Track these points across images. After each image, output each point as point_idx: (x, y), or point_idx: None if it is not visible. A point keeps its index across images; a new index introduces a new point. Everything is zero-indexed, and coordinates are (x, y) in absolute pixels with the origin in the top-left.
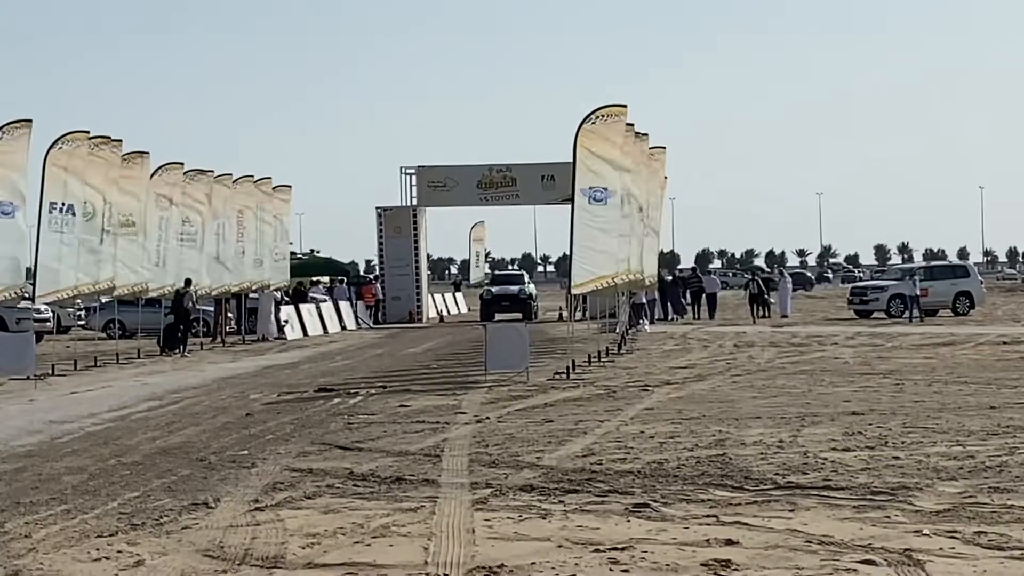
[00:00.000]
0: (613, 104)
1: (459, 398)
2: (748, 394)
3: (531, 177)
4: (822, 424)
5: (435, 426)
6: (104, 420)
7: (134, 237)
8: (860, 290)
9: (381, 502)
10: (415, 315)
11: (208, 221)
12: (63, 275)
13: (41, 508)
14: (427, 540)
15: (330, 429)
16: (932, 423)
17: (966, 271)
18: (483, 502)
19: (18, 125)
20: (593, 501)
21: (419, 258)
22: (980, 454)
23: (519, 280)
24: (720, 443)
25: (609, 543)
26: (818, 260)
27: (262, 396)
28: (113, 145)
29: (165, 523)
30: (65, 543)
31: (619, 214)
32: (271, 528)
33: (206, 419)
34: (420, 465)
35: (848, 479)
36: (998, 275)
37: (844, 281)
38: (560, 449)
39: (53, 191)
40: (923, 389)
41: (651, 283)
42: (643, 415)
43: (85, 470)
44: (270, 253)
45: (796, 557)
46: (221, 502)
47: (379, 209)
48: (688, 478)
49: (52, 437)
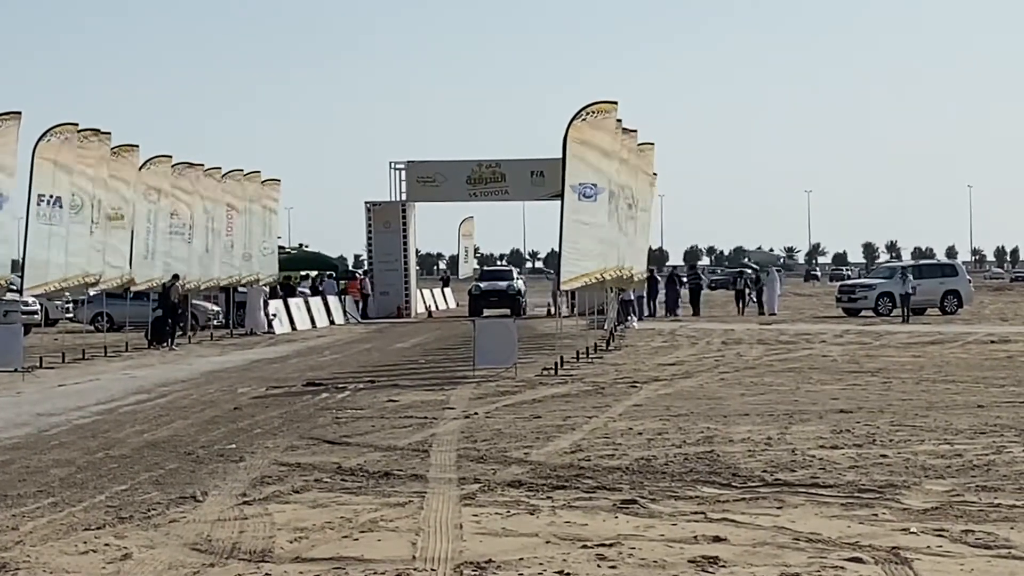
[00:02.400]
0: (603, 100)
1: (447, 393)
2: (736, 391)
3: (521, 173)
4: (810, 422)
5: (423, 421)
6: (92, 413)
7: (122, 230)
8: (848, 288)
9: (369, 497)
10: (403, 310)
11: (197, 214)
12: (51, 268)
13: (28, 501)
14: (415, 535)
15: (318, 423)
16: (920, 421)
17: (954, 270)
18: (471, 497)
19: (6, 117)
20: (581, 497)
21: (408, 253)
22: (968, 453)
23: (508, 276)
24: (708, 440)
25: (597, 539)
26: (806, 258)
27: (250, 390)
28: (102, 138)
29: (153, 516)
30: (52, 536)
31: (608, 210)
32: (259, 522)
33: (194, 413)
34: (408, 460)
35: (836, 477)
36: (986, 274)
37: (832, 279)
38: (548, 445)
39: (42, 183)
40: (911, 387)
41: (639, 280)
42: (631, 411)
43: (73, 463)
44: (259, 247)
45: (784, 554)
46: (209, 496)
47: (368, 204)
48: (676, 475)
49: (40, 430)
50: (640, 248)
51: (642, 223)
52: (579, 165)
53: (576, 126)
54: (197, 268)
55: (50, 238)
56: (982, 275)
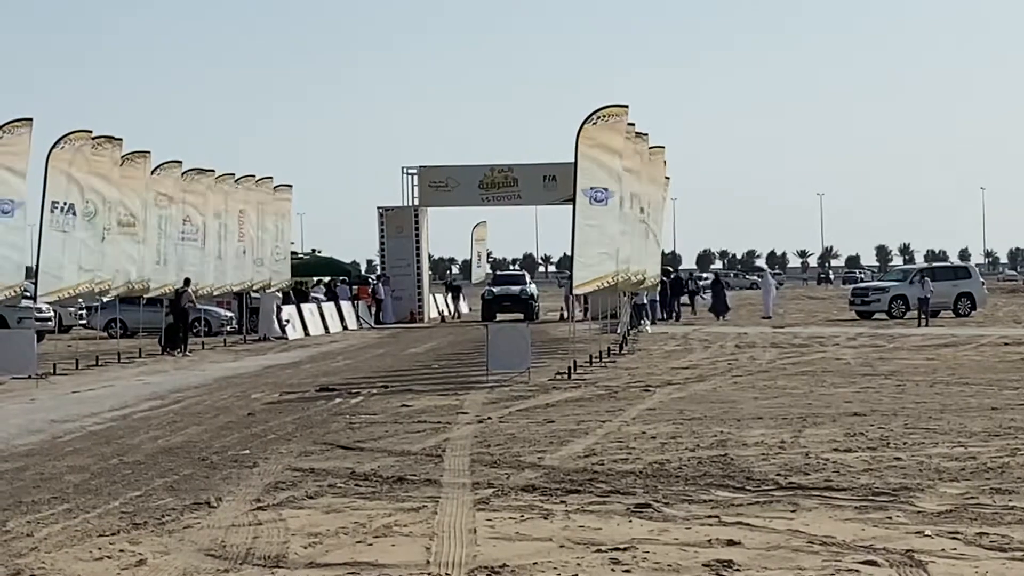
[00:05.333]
0: (614, 104)
1: (461, 398)
2: (750, 395)
3: (533, 177)
4: (824, 425)
5: (437, 426)
6: (106, 419)
7: (135, 236)
8: (861, 291)
9: (383, 502)
10: (416, 315)
11: (209, 220)
12: (64, 274)
13: (43, 507)
14: (429, 540)
15: (332, 429)
16: (934, 424)
17: (967, 272)
18: (485, 502)
19: (19, 124)
20: (595, 501)
21: (420, 258)
22: (982, 455)
23: (521, 280)
24: (722, 443)
25: (611, 543)
26: (819, 261)
27: (264, 396)
28: (114, 144)
29: (167, 522)
30: (67, 542)
31: (620, 214)
32: (273, 528)
33: (208, 418)
34: (422, 465)
35: (850, 480)
36: (999, 276)
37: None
38: (562, 449)
39: (55, 190)
40: (925, 390)
41: (652, 283)
42: (645, 415)
43: (87, 469)
44: (271, 253)
45: (798, 558)
46: (223, 501)
47: (380, 209)
48: (690, 478)
49: (54, 436)
50: (652, 252)
51: (654, 227)
52: (590, 169)
53: (587, 130)
54: (210, 274)
55: (63, 245)
56: (995, 277)
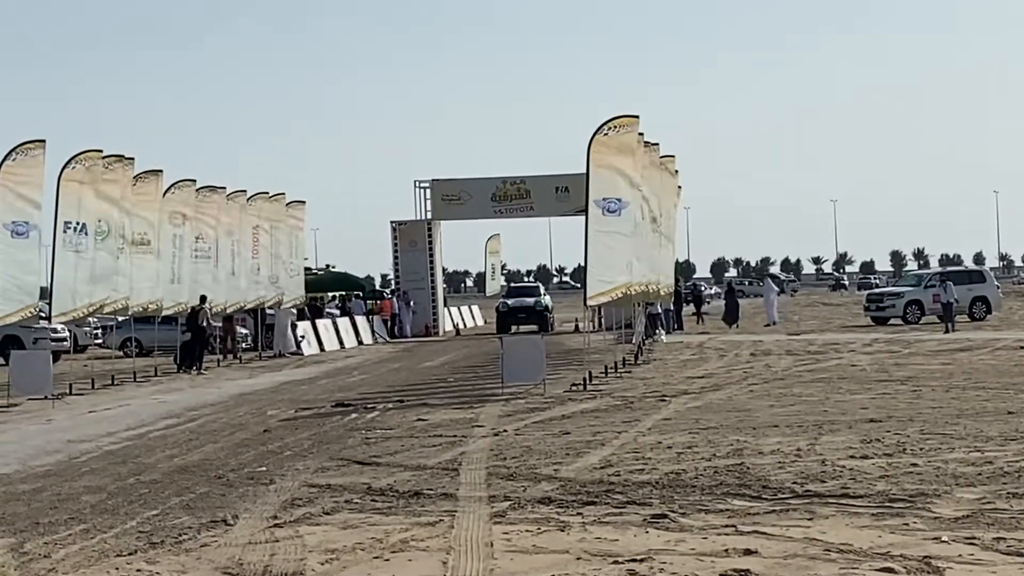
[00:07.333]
0: (625, 115)
1: (476, 411)
2: (765, 403)
3: (545, 189)
4: (840, 432)
5: (452, 439)
6: (122, 439)
7: (148, 255)
8: (876, 297)
9: (399, 517)
10: (431, 328)
11: (222, 237)
12: (79, 294)
13: (60, 528)
14: (446, 554)
15: (348, 444)
16: (950, 429)
17: (982, 276)
18: (501, 515)
19: (32, 145)
20: (611, 512)
21: (435, 271)
22: (998, 460)
23: (535, 292)
24: (738, 452)
25: (628, 554)
26: (834, 267)
27: (279, 412)
28: (126, 163)
29: (184, 541)
30: (84, 562)
31: (633, 224)
32: (290, 544)
33: (224, 436)
34: (438, 479)
35: (866, 487)
36: (1014, 280)
37: (860, 288)
38: (578, 461)
39: (68, 210)
40: (940, 395)
41: (666, 293)
42: (660, 425)
43: (104, 489)
44: (285, 269)
45: (815, 566)
46: (240, 519)
47: (394, 223)
48: (706, 488)
49: (70, 456)
50: (666, 261)
51: (667, 236)
52: (602, 180)
53: (598, 140)
54: (224, 291)
55: (77, 264)
56: (1010, 281)
